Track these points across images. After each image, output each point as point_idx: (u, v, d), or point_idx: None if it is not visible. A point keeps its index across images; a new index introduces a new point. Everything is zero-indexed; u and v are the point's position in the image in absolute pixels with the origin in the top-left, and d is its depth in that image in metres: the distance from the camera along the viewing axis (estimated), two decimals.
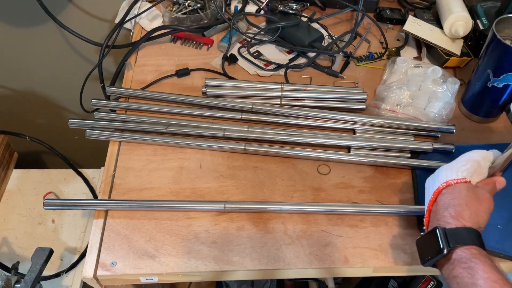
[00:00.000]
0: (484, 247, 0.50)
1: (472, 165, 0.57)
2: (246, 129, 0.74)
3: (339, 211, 0.66)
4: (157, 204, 0.65)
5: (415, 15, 0.94)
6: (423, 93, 0.77)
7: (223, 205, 0.65)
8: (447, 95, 0.78)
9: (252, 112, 0.77)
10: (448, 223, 0.52)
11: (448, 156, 0.73)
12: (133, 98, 0.80)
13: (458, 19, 0.85)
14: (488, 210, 0.55)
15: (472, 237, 0.50)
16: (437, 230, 0.51)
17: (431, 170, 0.71)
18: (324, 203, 0.67)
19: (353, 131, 0.76)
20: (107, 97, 0.84)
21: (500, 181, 0.58)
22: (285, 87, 0.79)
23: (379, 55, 0.90)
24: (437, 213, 0.54)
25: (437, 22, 0.92)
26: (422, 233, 0.55)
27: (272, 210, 0.66)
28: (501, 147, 0.75)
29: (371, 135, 0.75)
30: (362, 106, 0.78)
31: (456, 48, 0.86)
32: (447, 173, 0.57)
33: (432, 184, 0.58)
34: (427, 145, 0.72)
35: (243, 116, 0.76)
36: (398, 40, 0.95)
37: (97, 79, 0.91)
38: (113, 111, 0.79)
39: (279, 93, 0.78)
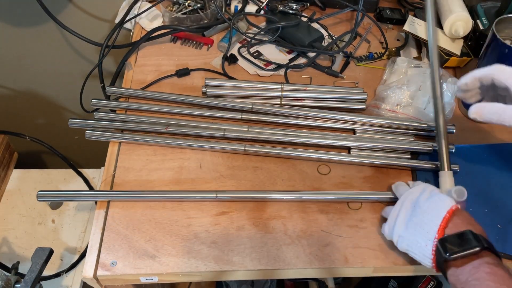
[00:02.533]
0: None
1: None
2: (246, 129, 0.74)
3: (330, 199, 0.67)
4: (148, 195, 0.66)
5: (415, 15, 0.94)
6: (423, 93, 0.77)
7: (215, 195, 0.65)
8: (447, 95, 0.78)
9: (252, 112, 0.77)
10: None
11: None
12: (133, 98, 0.80)
13: (458, 19, 0.85)
14: None
15: (495, 249, 0.50)
16: (470, 231, 0.51)
17: (431, 171, 0.71)
18: (318, 191, 0.68)
19: (353, 131, 0.76)
20: (107, 97, 0.84)
21: None
22: (285, 87, 0.79)
23: (379, 55, 0.90)
24: (460, 227, 0.53)
25: (437, 22, 0.92)
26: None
27: (262, 198, 0.67)
28: (501, 147, 0.75)
29: (371, 135, 0.75)
30: (362, 106, 0.78)
31: (456, 48, 0.86)
32: (448, 201, 0.57)
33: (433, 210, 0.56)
34: (426, 146, 0.72)
35: (243, 116, 0.76)
36: (398, 40, 0.95)
37: (97, 79, 0.91)
38: (113, 111, 0.79)
39: (279, 93, 0.78)
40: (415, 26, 0.88)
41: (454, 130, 0.75)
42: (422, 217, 0.56)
